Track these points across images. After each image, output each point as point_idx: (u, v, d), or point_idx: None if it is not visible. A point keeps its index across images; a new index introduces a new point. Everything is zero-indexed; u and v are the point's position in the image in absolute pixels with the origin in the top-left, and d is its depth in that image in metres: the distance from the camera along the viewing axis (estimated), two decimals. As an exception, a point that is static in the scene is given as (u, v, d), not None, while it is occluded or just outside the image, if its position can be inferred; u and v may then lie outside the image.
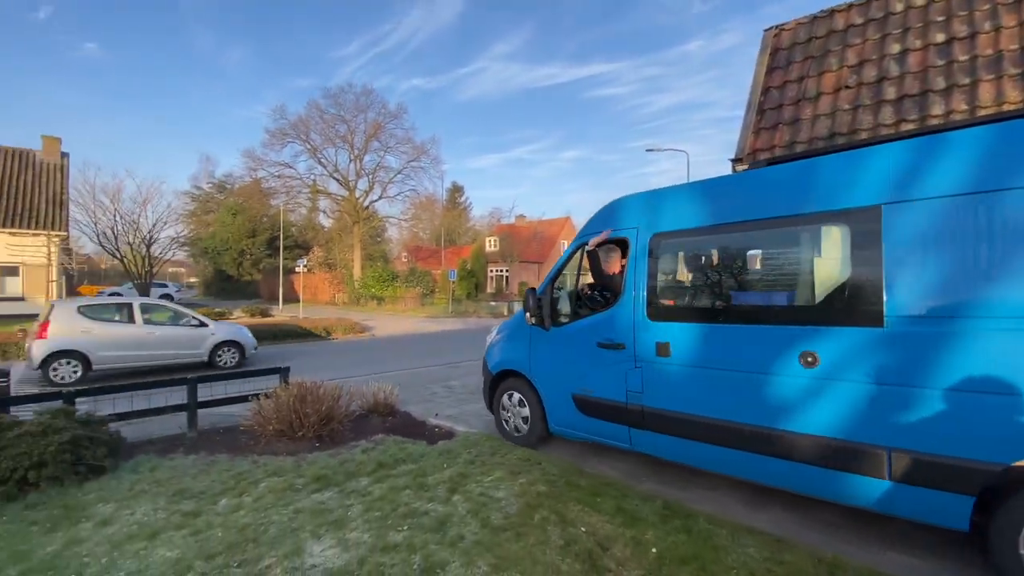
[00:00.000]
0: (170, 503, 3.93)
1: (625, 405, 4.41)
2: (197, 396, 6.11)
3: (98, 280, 54.72)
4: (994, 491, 2.79)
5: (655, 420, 4.21)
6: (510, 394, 5.58)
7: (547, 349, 5.13)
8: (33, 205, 21.59)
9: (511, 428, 5.57)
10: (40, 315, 10.30)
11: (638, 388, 4.31)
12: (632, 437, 4.45)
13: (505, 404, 5.64)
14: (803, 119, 6.41)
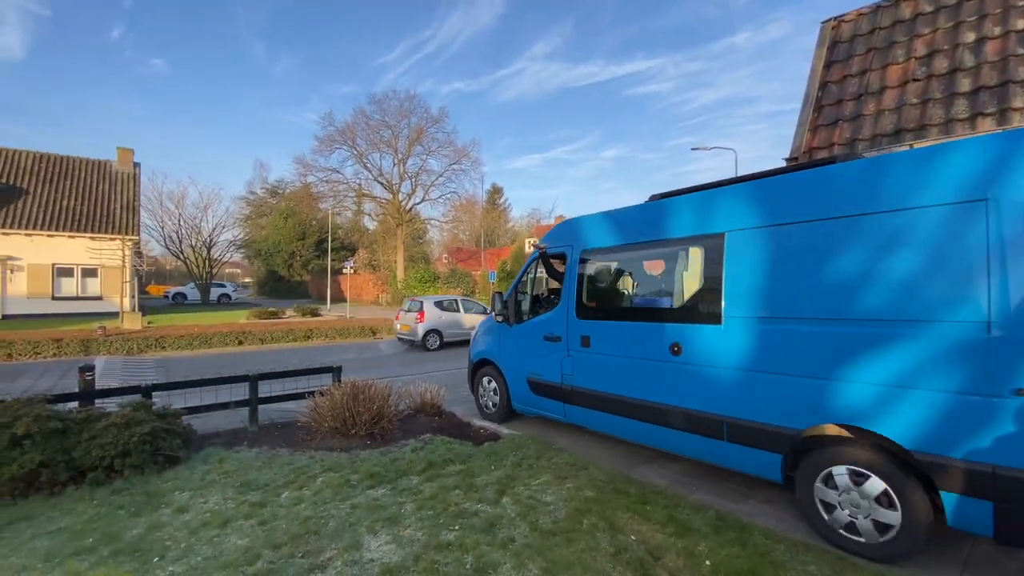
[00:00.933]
0: (238, 493, 4.19)
1: (560, 385, 5.61)
2: (258, 392, 6.46)
3: (163, 280, 58.58)
4: (796, 451, 3.71)
5: (579, 397, 5.39)
6: (487, 379, 6.86)
7: (511, 342, 6.40)
8: (110, 212, 23.35)
9: (486, 406, 6.87)
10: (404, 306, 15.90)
11: (569, 372, 5.49)
12: (566, 411, 5.63)
13: (483, 386, 6.95)
14: (865, 115, 6.10)
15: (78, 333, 13.72)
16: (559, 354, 5.61)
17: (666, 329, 4.52)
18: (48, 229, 21.42)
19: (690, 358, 4.31)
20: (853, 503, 3.40)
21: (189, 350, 14.01)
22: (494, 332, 6.75)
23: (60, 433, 4.37)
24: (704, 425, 4.21)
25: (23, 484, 4.11)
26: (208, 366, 11.31)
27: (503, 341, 6.54)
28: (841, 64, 6.71)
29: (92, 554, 3.22)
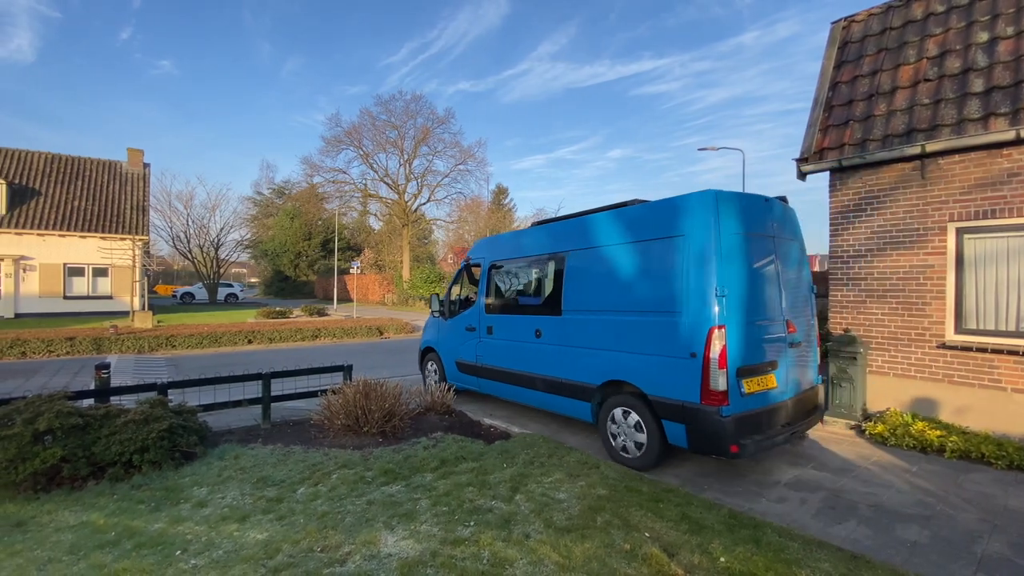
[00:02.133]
0: (255, 489, 4.25)
1: (475, 364, 7.26)
2: (271, 390, 6.53)
3: (171, 280, 59.07)
4: (598, 399, 5.36)
5: (486, 372, 7.04)
6: (431, 363, 8.49)
7: (445, 333, 8.03)
8: (120, 212, 23.60)
9: (430, 383, 8.23)
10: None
11: (480, 353, 7.15)
12: (479, 384, 7.27)
13: (428, 368, 8.61)
14: (876, 115, 6.10)
15: (90, 332, 13.87)
16: (474, 340, 7.31)
17: (533, 319, 6.28)
18: (60, 229, 21.69)
19: (545, 340, 6.05)
20: (624, 432, 5.03)
21: (199, 349, 14.13)
22: (434, 326, 8.41)
23: (81, 429, 4.44)
24: (554, 386, 5.92)
25: (45, 479, 4.19)
26: (218, 365, 11.41)
27: (440, 332, 8.20)
28: (852, 64, 6.71)
29: (116, 547, 3.28)
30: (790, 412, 4.82)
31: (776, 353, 4.75)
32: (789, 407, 4.81)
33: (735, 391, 4.30)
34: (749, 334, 4.48)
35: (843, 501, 4.08)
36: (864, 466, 4.90)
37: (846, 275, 6.42)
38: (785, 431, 4.64)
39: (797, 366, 5.00)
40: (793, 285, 5.10)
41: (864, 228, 6.23)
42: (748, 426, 4.34)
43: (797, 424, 4.82)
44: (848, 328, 6.33)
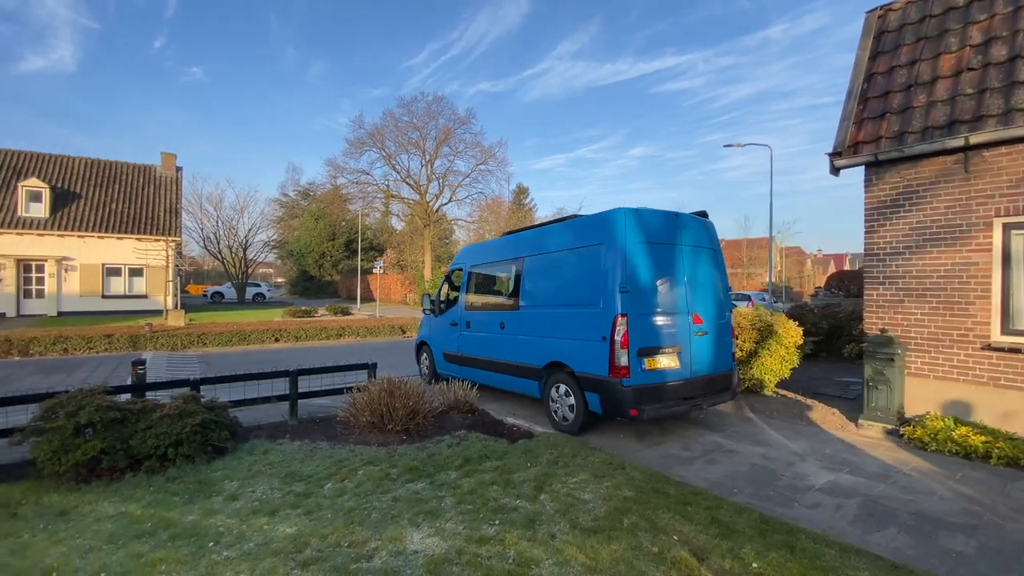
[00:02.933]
0: (283, 484, 4.32)
1: (457, 354, 8.33)
2: (298, 387, 6.64)
3: (201, 280, 60.84)
4: (543, 378, 6.37)
5: (466, 361, 8.07)
6: (424, 355, 9.53)
7: (435, 328, 9.09)
8: (154, 214, 24.41)
9: (424, 374, 9.45)
10: None
11: (461, 344, 8.23)
12: (461, 372, 8.18)
13: (422, 361, 9.64)
14: (915, 107, 5.86)
15: (127, 329, 14.38)
16: (456, 334, 8.37)
17: (499, 314, 7.38)
18: (98, 231, 22.55)
19: (507, 331, 7.14)
20: (560, 403, 6.11)
21: (229, 346, 14.51)
22: (427, 323, 9.54)
23: (119, 423, 4.59)
24: (513, 369, 6.99)
25: (86, 470, 4.34)
26: (247, 362, 11.69)
27: (431, 328, 9.28)
28: (888, 55, 6.46)
29: (152, 537, 3.37)
30: (695, 388, 5.75)
31: (679, 339, 5.74)
32: (695, 384, 5.75)
33: (636, 367, 5.36)
34: (650, 322, 5.56)
35: (882, 508, 3.93)
36: (903, 471, 4.71)
37: (882, 273, 6.19)
38: (686, 404, 5.65)
39: (704, 351, 5.93)
40: (701, 285, 6.07)
41: (902, 224, 6.00)
42: (647, 396, 5.35)
43: (704, 399, 5.82)
44: (885, 328, 6.10)
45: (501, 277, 7.72)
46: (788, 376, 8.02)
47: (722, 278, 6.40)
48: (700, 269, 6.09)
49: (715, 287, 6.25)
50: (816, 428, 6.20)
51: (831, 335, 11.89)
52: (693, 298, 5.90)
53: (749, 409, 7.13)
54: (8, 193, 21.75)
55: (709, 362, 5.94)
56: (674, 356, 5.64)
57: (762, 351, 7.68)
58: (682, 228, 6.01)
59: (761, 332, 7.72)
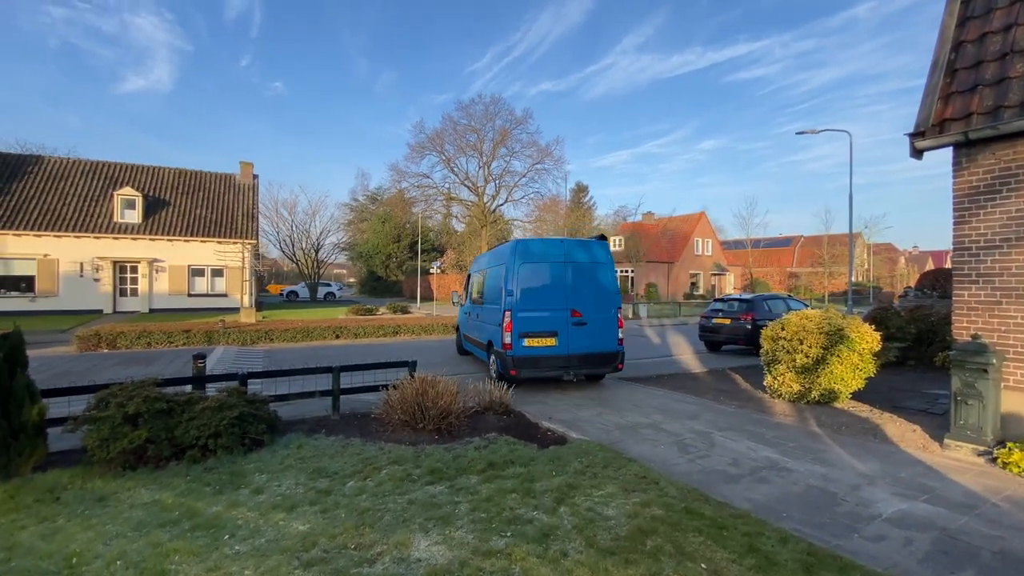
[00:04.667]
0: (309, 479, 4.37)
1: (467, 335, 11.15)
2: (340, 383, 6.79)
3: (281, 280, 65.14)
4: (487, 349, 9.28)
5: (466, 339, 11.21)
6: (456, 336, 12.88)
7: (461, 317, 12.09)
8: (233, 219, 26.36)
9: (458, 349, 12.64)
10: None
11: (465, 328, 11.39)
12: (466, 346, 11.24)
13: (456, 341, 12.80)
14: (1012, 78, 5.01)
15: (203, 325, 15.56)
16: (465, 319, 11.52)
17: (475, 307, 10.24)
18: (184, 235, 24.67)
19: (477, 318, 9.95)
20: (492, 365, 8.72)
21: (293, 342, 15.30)
22: (460, 311, 12.44)
23: (165, 413, 4.85)
24: (477, 344, 9.95)
25: (133, 457, 4.61)
26: (307, 356, 12.23)
27: (460, 316, 12.30)
28: (979, 20, 5.57)
29: (175, 527, 3.49)
30: (571, 361, 8.16)
31: (557, 326, 8.13)
32: (571, 359, 8.15)
33: (518, 344, 7.99)
34: (530, 315, 8.08)
35: (961, 545, 3.33)
36: (992, 502, 4.00)
37: (975, 270, 5.35)
38: (560, 370, 8.12)
39: (581, 336, 8.21)
40: (582, 289, 8.32)
41: (998, 213, 5.14)
42: (524, 363, 7.99)
43: (578, 369, 8.26)
44: (977, 334, 5.26)
45: (478, 282, 10.62)
46: (863, 386, 7.19)
47: (608, 284, 8.55)
48: (583, 278, 8.38)
49: (597, 291, 8.41)
50: (892, 447, 5.46)
51: (920, 340, 10.61)
52: (573, 299, 8.26)
53: (815, 422, 6.43)
54: (105, 201, 24.32)
55: (586, 344, 8.21)
56: (551, 338, 8.09)
57: (831, 358, 6.92)
58: (568, 249, 8.49)
59: (830, 337, 6.96)
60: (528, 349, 7.97)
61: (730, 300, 13.98)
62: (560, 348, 8.04)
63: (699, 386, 8.87)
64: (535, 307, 8.06)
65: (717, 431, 6.04)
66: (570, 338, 8.09)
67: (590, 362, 8.24)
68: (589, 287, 8.33)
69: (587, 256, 8.45)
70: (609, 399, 7.78)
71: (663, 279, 42.80)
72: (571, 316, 8.14)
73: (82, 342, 12.93)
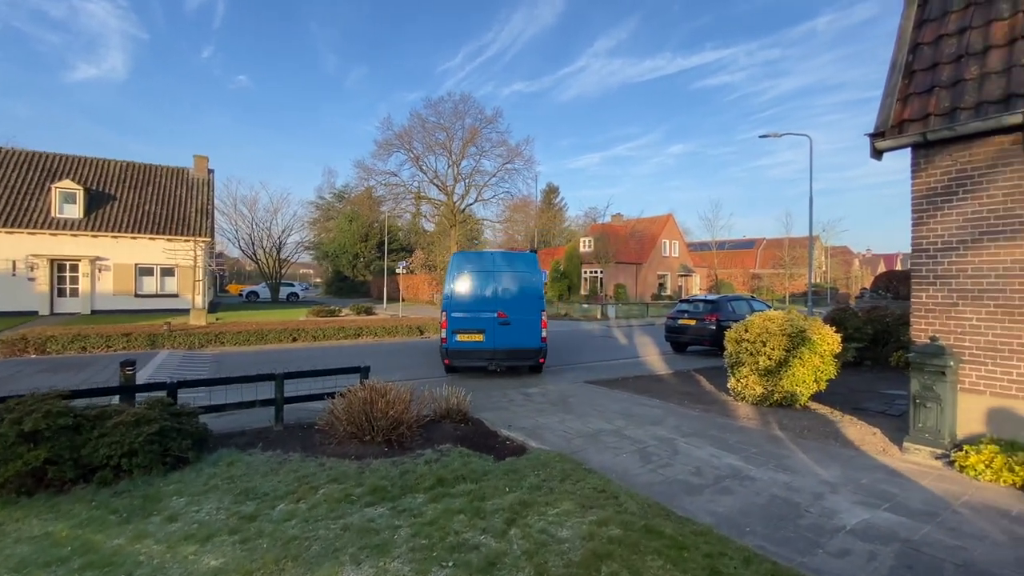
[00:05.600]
0: (234, 503, 3.93)
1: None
2: (284, 392, 6.30)
3: (243, 280, 62.85)
4: None
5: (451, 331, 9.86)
6: None
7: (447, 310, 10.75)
8: (185, 215, 25.06)
9: None
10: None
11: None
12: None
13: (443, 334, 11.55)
14: (967, 80, 5.00)
15: (147, 328, 14.58)
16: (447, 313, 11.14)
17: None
18: (131, 232, 23.28)
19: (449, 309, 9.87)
20: None
21: (246, 346, 14.51)
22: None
23: (72, 430, 4.30)
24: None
25: (31, 481, 4.06)
26: (260, 361, 11.57)
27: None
28: (935, 22, 5.58)
29: (63, 566, 3.00)
30: (496, 355, 9.35)
31: (484, 325, 9.33)
32: (497, 352, 9.33)
33: (452, 339, 9.31)
34: (463, 316, 9.37)
35: (924, 558, 3.19)
36: (953, 508, 3.92)
37: (932, 272, 5.33)
38: (486, 362, 9.36)
39: (505, 334, 9.34)
40: (508, 294, 9.52)
41: (955, 215, 5.13)
42: (457, 355, 9.38)
43: (502, 362, 9.44)
44: (935, 336, 5.24)
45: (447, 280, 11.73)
46: (824, 388, 7.17)
47: (532, 290, 9.64)
48: (510, 285, 9.59)
49: (522, 296, 9.56)
50: (853, 451, 5.39)
51: (877, 341, 10.82)
52: (500, 303, 9.47)
53: (777, 426, 6.34)
54: (42, 195, 22.65)
55: (510, 341, 9.38)
56: (479, 335, 9.36)
57: (793, 360, 6.87)
58: (498, 260, 9.85)
59: (792, 339, 6.90)
60: (460, 343, 9.37)
61: (695, 301, 14.02)
62: (487, 343, 9.36)
63: (664, 389, 8.74)
64: (467, 309, 9.43)
65: (681, 437, 5.86)
66: (496, 336, 9.37)
67: (513, 356, 9.49)
68: (515, 293, 9.59)
69: (515, 267, 9.79)
70: (573, 404, 7.53)
71: (632, 280, 43.20)
72: (498, 317, 9.41)
73: (6, 347, 11.85)
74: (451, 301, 9.46)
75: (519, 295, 9.58)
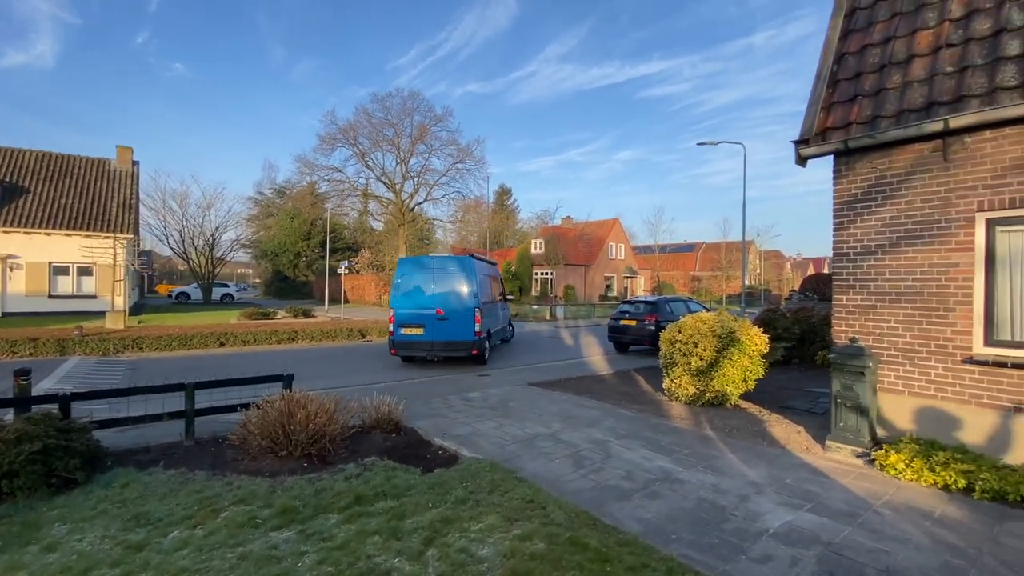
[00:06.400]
0: (122, 530, 3.48)
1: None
2: (195, 403, 5.76)
3: (174, 280, 58.91)
4: None
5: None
6: None
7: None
8: (106, 209, 23.06)
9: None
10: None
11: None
12: None
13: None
14: (889, 88, 5.22)
15: (56, 332, 13.24)
16: None
17: None
18: (46, 227, 21.20)
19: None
20: None
21: (167, 351, 13.44)
22: None
23: (-72, 453, 3.69)
24: None
25: None
26: (181, 368, 10.70)
27: None
28: (861, 33, 5.83)
29: None
30: (434, 346, 10.75)
31: (424, 321, 10.74)
32: (435, 344, 10.73)
33: (398, 332, 10.85)
34: (407, 312, 10.87)
35: (845, 562, 3.21)
36: (874, 508, 4.02)
37: (852, 275, 5.54)
38: (424, 352, 10.88)
39: (442, 328, 10.71)
40: (446, 294, 10.93)
41: (874, 220, 5.35)
42: (401, 346, 10.92)
43: (439, 352, 10.84)
44: (855, 337, 5.44)
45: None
46: (753, 388, 7.36)
47: (468, 291, 10.97)
48: (448, 285, 11.01)
49: (459, 296, 10.94)
50: (779, 450, 5.51)
51: (804, 340, 11.33)
52: (438, 300, 10.91)
53: (708, 425, 6.43)
54: (-57, 187, 20.25)
55: (447, 334, 10.74)
56: (420, 328, 10.79)
57: (723, 360, 7.00)
58: (438, 264, 11.29)
59: (723, 340, 7.04)
60: (404, 336, 10.90)
61: (636, 302, 14.26)
62: (426, 336, 10.80)
63: (603, 389, 8.74)
64: (409, 306, 10.97)
65: (615, 439, 5.81)
66: (434, 329, 10.78)
67: (450, 347, 10.86)
68: (453, 293, 10.99)
69: (452, 269, 11.15)
70: (512, 408, 7.37)
71: (580, 281, 43.81)
72: (436, 314, 10.82)
73: None
74: (396, 299, 11.09)
75: (456, 295, 10.95)
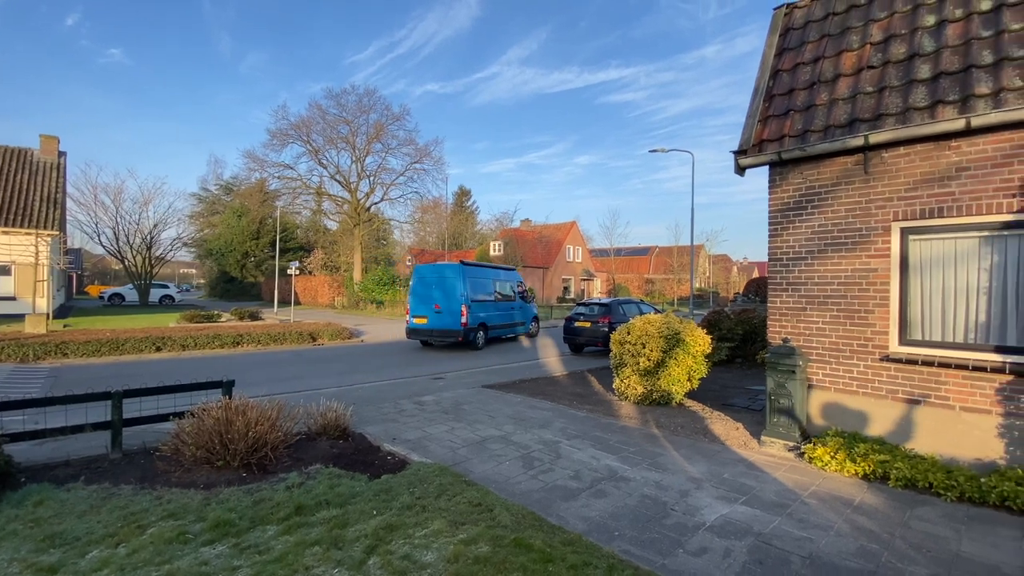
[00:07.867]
0: (34, 552, 3.20)
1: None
2: (123, 413, 5.39)
3: (108, 280, 55.08)
4: None
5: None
6: None
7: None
8: (27, 204, 21.27)
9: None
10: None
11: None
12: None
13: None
14: (818, 105, 5.57)
15: (-37, 338, 12.06)
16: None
17: None
18: (-47, 222, 19.30)
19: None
20: None
21: (96, 357, 12.52)
22: None
23: None
24: None
25: None
26: (111, 375, 10.01)
27: None
28: (793, 52, 6.20)
29: None
30: (433, 334, 14.69)
31: (427, 313, 14.73)
32: (433, 332, 14.65)
33: (411, 321, 15.10)
34: (422, 306, 14.95)
35: (774, 552, 3.39)
36: (802, 499, 4.26)
37: (785, 279, 5.86)
38: (427, 337, 14.93)
39: (439, 319, 14.45)
40: (441, 293, 14.53)
41: (804, 228, 5.69)
42: (412, 332, 15.14)
43: (437, 338, 14.82)
44: (787, 338, 5.76)
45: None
46: (697, 386, 7.65)
47: (457, 290, 14.33)
48: (444, 286, 14.57)
49: (450, 295, 14.38)
50: (719, 446, 5.75)
51: (746, 340, 11.87)
52: (436, 298, 14.54)
53: (655, 424, 6.63)
54: None
55: (442, 324, 14.38)
56: (424, 319, 14.65)
57: (669, 360, 7.24)
58: (438, 270, 15.14)
59: (669, 340, 7.28)
60: (415, 324, 14.97)
61: (590, 304, 14.54)
62: (429, 325, 14.67)
63: (557, 390, 8.85)
64: (418, 302, 15.00)
65: (565, 440, 5.89)
66: (434, 320, 14.57)
67: (444, 335, 14.53)
68: (447, 292, 14.59)
69: (446, 274, 14.86)
70: (465, 410, 7.33)
71: (539, 283, 44.20)
72: (435, 308, 14.59)
73: None
74: (410, 298, 15.28)
75: (449, 293, 14.49)
